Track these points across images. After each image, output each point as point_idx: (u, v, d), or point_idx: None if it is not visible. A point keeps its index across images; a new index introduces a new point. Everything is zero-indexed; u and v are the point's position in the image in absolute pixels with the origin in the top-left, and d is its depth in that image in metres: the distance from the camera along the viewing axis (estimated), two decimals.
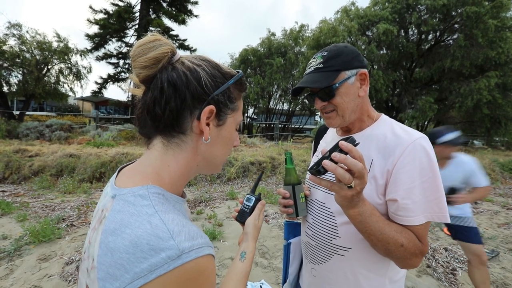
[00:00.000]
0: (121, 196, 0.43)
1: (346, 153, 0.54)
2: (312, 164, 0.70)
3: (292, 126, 21.38)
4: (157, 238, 0.36)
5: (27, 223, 3.35)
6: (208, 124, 0.49)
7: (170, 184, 0.49)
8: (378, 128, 0.79)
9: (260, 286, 2.21)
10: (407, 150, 0.68)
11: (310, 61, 0.81)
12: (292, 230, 0.99)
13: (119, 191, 0.45)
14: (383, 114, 0.85)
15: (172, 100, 0.46)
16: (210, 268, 0.40)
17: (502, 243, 3.33)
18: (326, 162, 0.54)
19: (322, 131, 1.04)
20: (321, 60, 0.77)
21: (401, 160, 0.68)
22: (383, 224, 0.65)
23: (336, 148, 0.56)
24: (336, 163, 0.54)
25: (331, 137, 0.95)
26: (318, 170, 0.56)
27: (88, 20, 14.30)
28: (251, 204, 0.76)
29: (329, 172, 0.56)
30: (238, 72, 0.54)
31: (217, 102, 0.49)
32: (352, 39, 13.41)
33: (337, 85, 0.75)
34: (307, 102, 0.86)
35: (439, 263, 2.76)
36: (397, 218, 0.69)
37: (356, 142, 0.56)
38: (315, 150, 1.04)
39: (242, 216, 0.76)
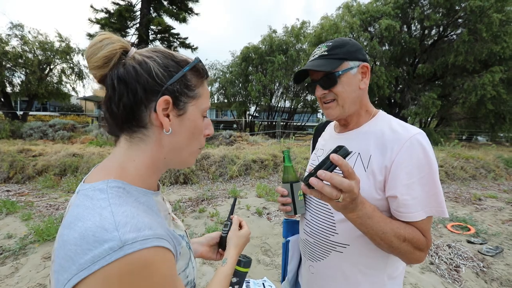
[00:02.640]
0: (83, 191, 0.44)
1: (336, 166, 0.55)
2: (305, 174, 0.70)
3: (294, 123, 21.32)
4: (102, 230, 0.36)
5: (31, 222, 3.38)
6: (167, 115, 0.48)
7: (138, 176, 0.49)
8: (375, 124, 0.80)
9: (263, 283, 2.22)
10: (404, 146, 0.69)
11: (315, 50, 0.82)
12: (291, 228, 1.00)
13: (83, 187, 0.45)
14: (380, 110, 0.85)
15: (124, 96, 0.46)
16: (160, 260, 0.38)
17: (506, 239, 3.30)
18: (313, 181, 0.55)
19: (320, 128, 1.05)
20: (326, 48, 0.78)
21: (399, 156, 0.68)
22: (384, 223, 0.65)
23: (327, 160, 0.56)
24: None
25: (329, 135, 0.96)
26: (308, 184, 0.56)
27: (89, 19, 14.31)
28: (227, 228, 0.77)
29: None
30: (195, 58, 0.52)
31: (173, 92, 0.48)
32: (354, 35, 13.30)
33: (340, 72, 0.76)
34: (307, 92, 0.91)
35: (442, 260, 2.75)
36: (398, 215, 0.69)
37: (348, 152, 0.56)
38: (313, 148, 1.04)
39: (222, 243, 0.76)
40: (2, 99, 12.52)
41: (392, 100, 15.04)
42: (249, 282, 2.20)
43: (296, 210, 0.84)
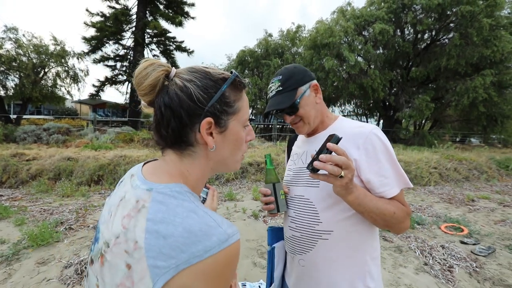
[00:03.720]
0: (159, 189, 0.47)
1: (331, 152, 0.69)
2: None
3: (290, 126, 21.37)
4: (207, 226, 0.43)
5: (25, 227, 3.34)
6: (211, 134, 0.52)
7: (193, 186, 0.54)
8: (340, 124, 0.95)
9: (259, 286, 2.22)
10: (366, 141, 0.83)
11: (270, 85, 0.96)
12: (275, 235, 1.06)
13: (155, 186, 0.48)
14: (339, 115, 1.01)
15: (171, 121, 0.50)
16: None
17: (499, 239, 3.36)
18: (317, 163, 0.68)
19: (293, 139, 1.18)
20: (279, 83, 0.92)
21: (364, 149, 0.82)
22: (376, 200, 0.79)
23: (324, 148, 0.70)
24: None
25: (301, 141, 1.07)
26: (312, 169, 0.70)
27: (85, 23, 14.29)
28: (205, 196, 0.82)
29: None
30: (231, 73, 0.54)
31: (213, 113, 0.51)
32: (349, 39, 13.48)
33: (298, 100, 0.90)
34: (277, 118, 1.11)
35: (436, 260, 2.78)
36: (380, 194, 0.82)
37: (339, 138, 0.70)
38: (288, 157, 1.15)
39: None
40: None
41: (387, 103, 15.22)
42: (245, 285, 2.21)
43: (279, 208, 0.91)
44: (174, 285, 0.40)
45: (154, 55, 16.24)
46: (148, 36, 15.79)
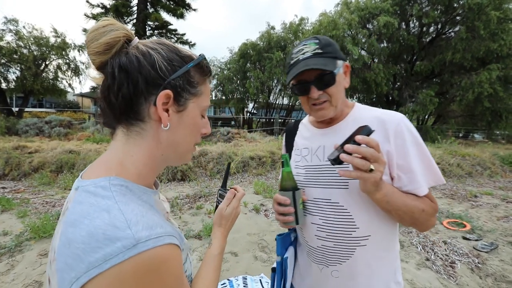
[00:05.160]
0: (83, 187, 0.43)
1: (358, 144, 0.60)
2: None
3: (292, 120, 21.29)
4: (113, 228, 0.35)
5: (27, 219, 3.36)
6: (167, 110, 0.47)
7: (137, 174, 0.48)
8: (360, 112, 0.82)
9: (260, 280, 2.22)
10: (396, 131, 0.74)
11: (300, 48, 0.77)
12: (285, 244, 0.92)
13: (82, 183, 0.44)
14: (355, 102, 0.88)
15: (124, 86, 0.44)
16: (173, 257, 0.39)
17: (501, 236, 3.34)
18: (344, 156, 0.59)
19: (291, 129, 1.00)
20: (317, 46, 0.75)
21: (394, 140, 0.74)
22: (405, 197, 0.71)
23: (351, 140, 0.61)
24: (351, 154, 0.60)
25: (311, 133, 0.90)
26: (334, 159, 0.61)
27: (85, 14, 14.13)
28: (221, 198, 0.73)
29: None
30: (200, 55, 0.51)
31: (175, 87, 0.46)
32: (353, 32, 13.27)
33: (336, 72, 0.75)
34: (295, 93, 0.82)
35: (438, 256, 2.77)
36: (409, 191, 0.74)
37: (371, 130, 0.62)
38: (288, 149, 0.98)
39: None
40: None
41: (390, 98, 15.08)
42: (246, 279, 2.21)
43: (298, 220, 0.78)
44: None
45: None
46: (149, 28, 15.62)
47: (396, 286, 0.81)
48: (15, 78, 12.57)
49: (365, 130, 0.61)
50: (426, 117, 17.27)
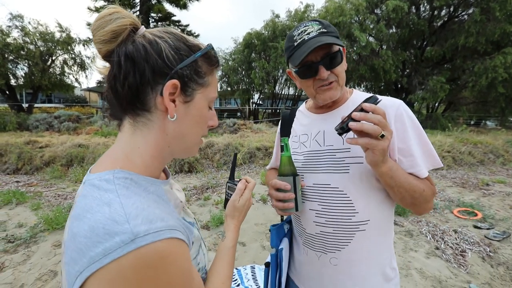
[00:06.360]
0: (89, 181, 0.42)
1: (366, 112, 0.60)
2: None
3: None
4: (113, 222, 0.35)
5: (41, 212, 3.46)
6: (173, 101, 0.45)
7: (144, 166, 0.47)
8: (359, 97, 0.82)
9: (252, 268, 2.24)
10: (396, 116, 0.74)
11: (302, 29, 0.75)
12: (280, 235, 0.90)
13: (89, 177, 0.44)
14: (353, 89, 0.89)
15: (130, 75, 0.43)
16: (176, 252, 0.38)
17: None
18: (352, 124, 0.58)
19: (288, 117, 0.98)
20: (320, 26, 0.74)
21: (394, 124, 0.74)
22: (407, 175, 0.70)
23: (356, 110, 0.61)
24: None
25: (310, 119, 0.88)
26: (342, 127, 0.60)
27: (88, 8, 14.10)
28: (233, 192, 0.71)
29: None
30: (208, 45, 0.50)
31: (182, 77, 0.45)
32: (360, 18, 12.86)
33: (341, 51, 0.76)
34: (301, 76, 0.66)
35: (448, 245, 2.74)
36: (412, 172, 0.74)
37: (378, 100, 0.61)
38: (285, 135, 0.95)
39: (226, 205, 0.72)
40: (7, 92, 12.61)
41: (399, 85, 14.69)
42: (254, 268, 2.23)
43: (298, 206, 0.76)
44: None
45: None
46: (153, 20, 15.51)
47: (391, 271, 0.81)
48: (23, 74, 12.77)
49: (372, 99, 0.61)
50: (436, 104, 16.82)
